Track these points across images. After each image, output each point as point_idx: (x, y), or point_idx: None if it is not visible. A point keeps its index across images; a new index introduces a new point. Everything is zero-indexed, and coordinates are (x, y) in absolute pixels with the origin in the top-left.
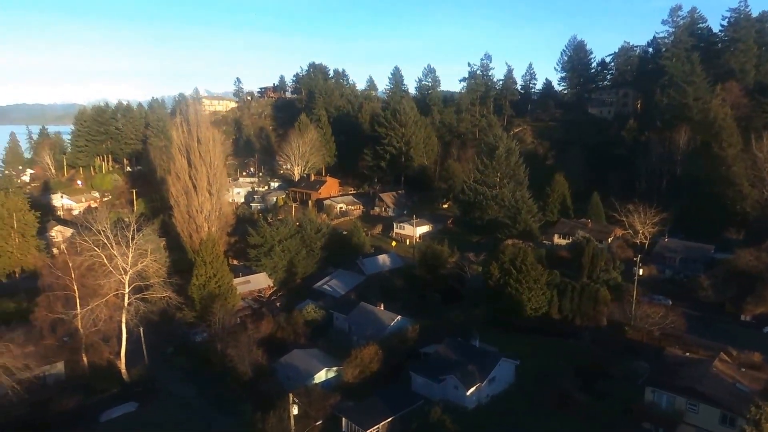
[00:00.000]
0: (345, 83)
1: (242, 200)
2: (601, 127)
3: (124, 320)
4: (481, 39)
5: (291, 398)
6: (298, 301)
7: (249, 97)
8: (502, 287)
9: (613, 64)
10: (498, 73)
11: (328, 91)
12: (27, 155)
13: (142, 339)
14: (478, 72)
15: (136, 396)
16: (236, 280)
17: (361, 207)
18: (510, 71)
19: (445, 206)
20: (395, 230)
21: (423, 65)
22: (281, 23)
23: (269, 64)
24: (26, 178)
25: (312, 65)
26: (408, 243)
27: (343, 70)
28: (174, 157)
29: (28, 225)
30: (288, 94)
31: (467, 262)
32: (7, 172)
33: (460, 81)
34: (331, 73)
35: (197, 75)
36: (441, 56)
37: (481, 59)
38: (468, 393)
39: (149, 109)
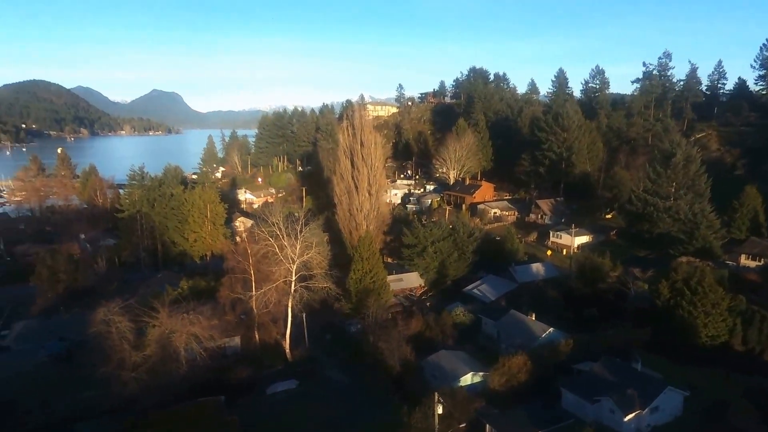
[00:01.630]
0: (505, 87)
1: (399, 201)
2: None
3: (290, 305)
4: (660, 36)
5: (436, 397)
6: (448, 303)
7: (410, 103)
8: (671, 309)
9: None
10: (679, 73)
11: (487, 95)
12: (220, 155)
13: (304, 324)
14: (655, 72)
15: (296, 375)
16: (390, 278)
17: (516, 213)
18: (693, 70)
19: (609, 216)
20: (551, 239)
21: (590, 66)
22: (445, 29)
23: (432, 70)
24: (218, 174)
25: (472, 69)
26: (564, 253)
27: (504, 74)
28: (339, 158)
29: (218, 215)
30: (447, 99)
31: (631, 277)
32: (204, 169)
33: (633, 82)
34: (492, 77)
35: (363, 82)
36: (611, 56)
37: (659, 58)
38: (626, 419)
39: (320, 114)
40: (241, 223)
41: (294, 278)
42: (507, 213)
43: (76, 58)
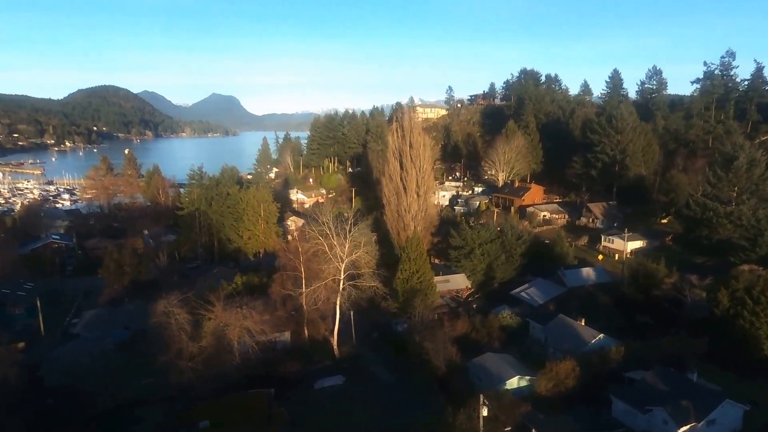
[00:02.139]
0: (557, 88)
1: (447, 203)
2: None
3: (338, 303)
4: (723, 35)
5: (482, 399)
6: (494, 305)
7: (459, 105)
8: (731, 318)
9: None
10: (743, 72)
11: (538, 97)
12: (273, 156)
13: (352, 321)
14: (717, 72)
15: (343, 371)
16: (436, 278)
17: (566, 216)
18: (759, 69)
19: (664, 221)
20: (603, 243)
21: (647, 67)
22: (496, 30)
23: (482, 73)
24: (272, 175)
25: (523, 71)
26: (617, 258)
27: (556, 75)
28: (388, 160)
29: (271, 214)
30: (497, 101)
31: (688, 285)
32: (259, 169)
33: (692, 83)
34: (543, 78)
35: (413, 85)
36: (670, 56)
37: (722, 57)
38: (680, 431)
39: (370, 117)
40: (293, 222)
41: (342, 276)
42: (557, 216)
43: (143, 65)
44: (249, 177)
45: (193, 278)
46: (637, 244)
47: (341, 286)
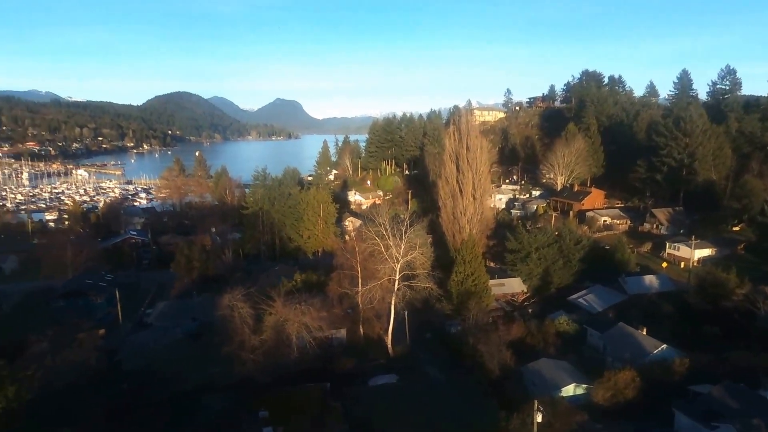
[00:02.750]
0: (620, 90)
1: (503, 206)
2: None
3: (393, 302)
4: None
5: (536, 405)
6: (551, 311)
7: (517, 108)
8: None
9: None
10: None
11: (600, 98)
12: (333, 159)
13: (406, 321)
14: None
15: (396, 369)
16: (491, 282)
17: (628, 222)
18: None
19: (736, 229)
20: (668, 250)
21: (719, 66)
22: (558, 31)
23: (542, 75)
24: (331, 176)
25: (584, 72)
26: (682, 266)
27: (619, 77)
28: (445, 163)
29: (329, 214)
30: (557, 104)
31: (761, 296)
32: (319, 171)
33: None
34: (606, 79)
35: (471, 88)
36: (745, 55)
37: None
38: None
39: (427, 120)
40: (350, 223)
41: (398, 277)
42: (618, 221)
43: (213, 72)
44: (309, 178)
45: (256, 274)
46: (706, 252)
47: (396, 286)
